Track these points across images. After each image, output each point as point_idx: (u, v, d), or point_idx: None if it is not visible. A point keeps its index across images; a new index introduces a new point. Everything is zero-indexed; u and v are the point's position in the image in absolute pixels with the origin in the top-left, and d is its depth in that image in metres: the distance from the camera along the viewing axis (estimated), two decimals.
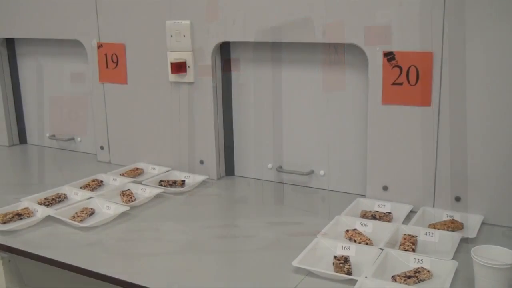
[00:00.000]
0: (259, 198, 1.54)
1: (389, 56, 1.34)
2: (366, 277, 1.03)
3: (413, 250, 1.15)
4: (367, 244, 1.19)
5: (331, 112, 1.53)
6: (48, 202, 1.46)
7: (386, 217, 1.33)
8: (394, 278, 1.04)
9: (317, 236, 1.21)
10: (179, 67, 1.62)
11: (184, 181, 1.62)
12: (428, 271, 1.06)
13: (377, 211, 1.36)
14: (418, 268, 1.08)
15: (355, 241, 1.21)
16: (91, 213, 1.41)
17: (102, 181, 1.63)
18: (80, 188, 1.57)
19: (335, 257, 1.12)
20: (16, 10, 1.94)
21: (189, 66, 1.63)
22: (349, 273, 1.06)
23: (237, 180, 1.69)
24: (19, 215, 1.38)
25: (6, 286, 1.29)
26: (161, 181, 1.61)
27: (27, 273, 1.34)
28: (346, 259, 1.11)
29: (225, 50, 1.63)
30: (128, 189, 1.55)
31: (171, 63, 1.62)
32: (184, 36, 1.61)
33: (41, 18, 1.89)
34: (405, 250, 1.15)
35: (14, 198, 1.49)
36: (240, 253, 1.21)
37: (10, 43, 2.10)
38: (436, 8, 1.26)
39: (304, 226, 1.32)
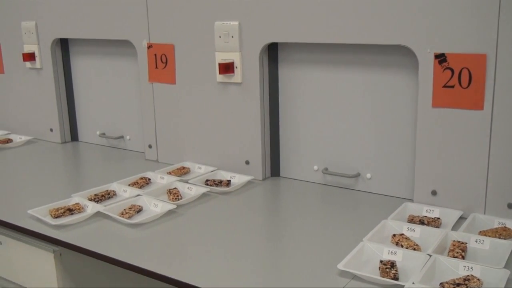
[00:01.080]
0: (305, 199, 1.53)
1: (440, 58, 1.31)
2: (413, 283, 1.01)
3: (463, 257, 1.12)
4: (414, 249, 1.17)
5: (378, 114, 1.51)
6: (98, 198, 1.50)
7: (434, 222, 1.30)
8: (442, 285, 1.02)
9: (363, 240, 1.20)
10: (226, 68, 1.64)
11: (229, 181, 1.63)
12: (478, 280, 1.03)
13: (425, 216, 1.33)
14: (468, 276, 1.05)
15: (402, 246, 1.19)
16: (139, 210, 1.44)
17: (149, 179, 1.66)
18: (129, 185, 1.60)
19: (381, 261, 1.11)
20: (70, 11, 2.00)
21: (236, 67, 1.64)
22: (395, 278, 1.04)
23: (282, 181, 1.69)
24: (70, 210, 1.42)
25: (57, 278, 1.33)
26: (207, 180, 1.62)
27: (77, 267, 1.38)
28: (392, 264, 1.09)
29: (273, 50, 1.63)
30: (175, 188, 1.57)
31: (219, 64, 1.64)
32: (232, 37, 1.62)
33: (94, 19, 1.95)
34: (454, 257, 1.12)
35: (66, 193, 1.54)
36: (285, 254, 1.21)
37: (64, 43, 2.17)
38: (490, 7, 1.22)
39: (349, 230, 1.31)
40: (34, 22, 2.13)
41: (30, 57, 2.16)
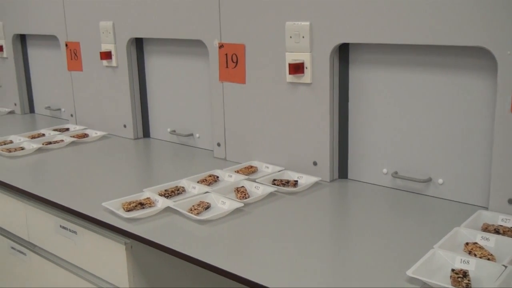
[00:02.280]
0: (373, 203, 1.51)
1: None
2: None
3: None
4: (488, 259, 1.12)
5: (451, 117, 1.46)
6: (167, 194, 1.54)
7: (510, 232, 1.24)
8: None
9: (434, 247, 1.16)
10: (296, 68, 1.63)
11: (297, 181, 1.62)
12: None
13: (501, 225, 1.28)
14: None
15: (475, 255, 1.14)
16: (207, 207, 1.46)
17: (218, 177, 1.68)
18: (197, 182, 1.63)
19: (453, 270, 1.07)
20: (145, 12, 2.07)
21: (306, 67, 1.63)
22: None
23: (350, 183, 1.67)
24: (141, 204, 1.47)
25: (128, 269, 1.38)
26: (274, 180, 1.63)
27: (146, 259, 1.42)
28: (465, 274, 1.05)
29: (343, 51, 1.62)
30: (243, 186, 1.59)
31: (289, 64, 1.64)
32: (303, 37, 1.62)
33: (168, 19, 2.00)
34: None
35: (138, 188, 1.59)
36: (352, 257, 1.19)
37: (139, 42, 2.24)
38: None
39: (419, 236, 1.27)
40: (111, 22, 2.21)
41: (107, 55, 2.25)
